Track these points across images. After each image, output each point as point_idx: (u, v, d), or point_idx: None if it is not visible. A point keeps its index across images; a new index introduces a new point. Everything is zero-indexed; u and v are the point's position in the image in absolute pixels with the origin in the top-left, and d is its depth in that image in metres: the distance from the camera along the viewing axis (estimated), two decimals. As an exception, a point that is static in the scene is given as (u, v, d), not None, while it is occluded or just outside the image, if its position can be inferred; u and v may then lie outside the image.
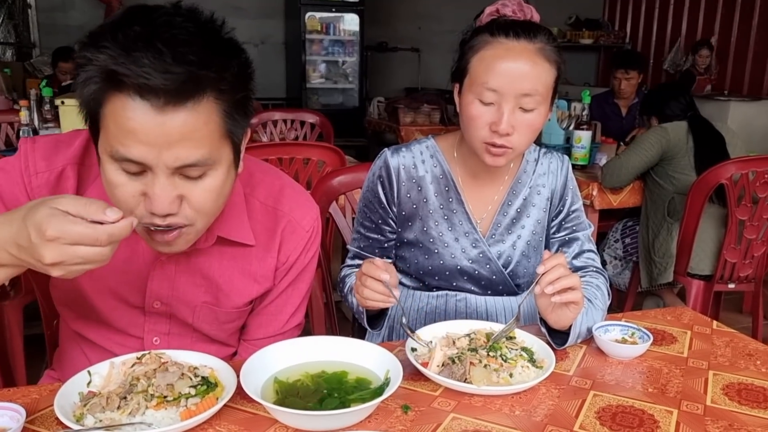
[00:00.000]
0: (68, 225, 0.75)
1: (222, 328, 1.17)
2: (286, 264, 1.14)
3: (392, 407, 0.98)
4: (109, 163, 0.87)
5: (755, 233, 2.61)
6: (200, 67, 0.82)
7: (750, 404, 1.04)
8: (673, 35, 7.26)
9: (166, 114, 0.82)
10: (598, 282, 1.34)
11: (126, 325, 1.12)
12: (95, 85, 0.83)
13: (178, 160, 0.86)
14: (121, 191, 0.88)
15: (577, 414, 0.99)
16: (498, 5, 1.28)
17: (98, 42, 0.82)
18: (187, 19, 0.85)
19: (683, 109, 2.89)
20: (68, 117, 2.50)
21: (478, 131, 1.25)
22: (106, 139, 0.86)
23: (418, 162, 1.38)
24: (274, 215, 1.12)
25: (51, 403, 0.95)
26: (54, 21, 6.16)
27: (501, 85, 1.21)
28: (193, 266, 1.08)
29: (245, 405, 0.96)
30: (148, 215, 0.89)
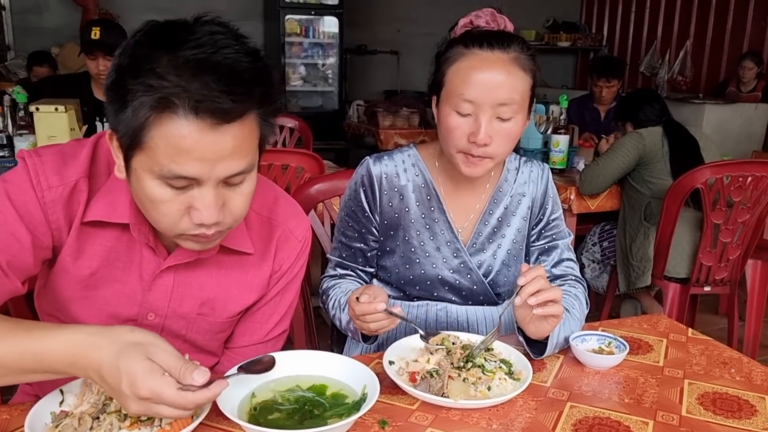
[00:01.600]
0: (162, 387, 0.79)
1: (214, 338, 1.16)
2: (279, 272, 1.15)
3: (369, 422, 0.98)
4: (152, 180, 0.88)
5: (730, 237, 2.64)
6: (252, 84, 0.86)
7: (724, 414, 1.05)
8: (649, 38, 7.35)
9: (219, 131, 0.85)
10: (576, 291, 1.35)
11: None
12: (150, 111, 0.83)
13: (229, 170, 0.88)
14: (167, 207, 0.89)
15: (554, 427, 0.99)
16: (471, 16, 1.28)
17: (154, 68, 0.82)
18: (227, 36, 0.87)
19: (657, 114, 2.92)
20: (43, 124, 2.45)
21: (457, 142, 1.26)
22: (153, 158, 0.86)
23: (400, 171, 1.38)
24: (269, 225, 1.13)
25: (20, 424, 0.93)
26: (28, 23, 6.05)
27: (477, 95, 1.21)
28: (192, 278, 1.08)
29: (221, 423, 0.95)
30: (194, 227, 0.91)
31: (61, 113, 2.47)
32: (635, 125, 2.94)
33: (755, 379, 1.16)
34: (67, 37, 6.00)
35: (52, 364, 0.84)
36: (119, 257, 1.04)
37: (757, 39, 6.07)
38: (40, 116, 2.47)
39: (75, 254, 1.01)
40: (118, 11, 6.05)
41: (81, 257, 1.02)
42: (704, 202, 2.56)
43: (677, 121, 2.91)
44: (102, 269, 1.04)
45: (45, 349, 0.83)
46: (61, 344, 0.83)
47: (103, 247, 1.02)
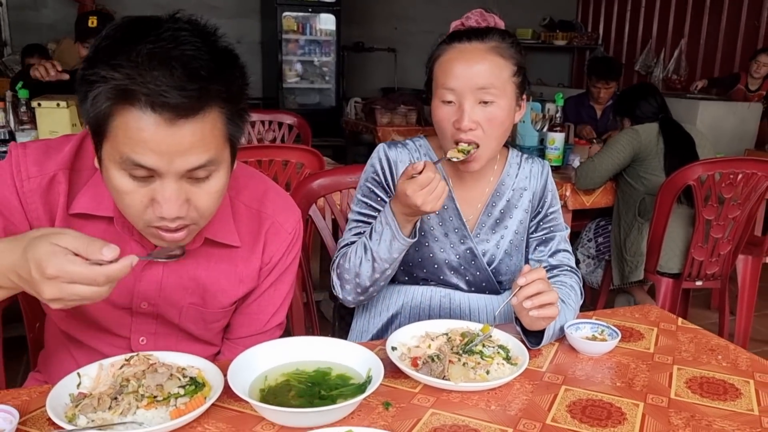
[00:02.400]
0: (68, 265, 0.79)
1: (208, 327, 1.20)
2: (269, 264, 1.18)
3: (374, 404, 1.02)
4: (116, 170, 0.90)
5: (721, 232, 2.70)
6: (210, 82, 0.87)
7: (711, 396, 1.10)
8: (644, 37, 7.41)
9: (176, 125, 0.86)
10: (571, 281, 1.41)
11: (113, 325, 1.14)
12: (107, 101, 0.86)
13: (188, 164, 0.90)
14: (130, 198, 0.92)
15: (549, 408, 1.04)
16: (463, 18, 1.36)
17: (110, 60, 0.85)
18: (192, 33, 0.88)
19: (654, 111, 2.96)
20: (45, 119, 2.49)
21: (446, 132, 1.33)
22: (114, 147, 0.89)
23: (414, 158, 1.44)
24: (258, 218, 1.16)
25: (41, 404, 0.97)
26: (25, 19, 6.08)
27: (457, 83, 1.29)
28: (181, 268, 1.11)
29: (232, 404, 1.00)
30: (157, 219, 0.93)
31: (62, 109, 2.51)
32: (632, 121, 2.99)
33: (741, 365, 1.22)
34: (63, 32, 6.01)
35: None
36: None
37: (751, 39, 6.13)
38: (42, 111, 2.51)
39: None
40: (115, 7, 6.07)
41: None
42: (696, 198, 2.61)
43: (674, 119, 2.96)
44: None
45: None
46: None
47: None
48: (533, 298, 1.14)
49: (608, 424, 1.01)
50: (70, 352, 1.20)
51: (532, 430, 0.98)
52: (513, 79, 1.32)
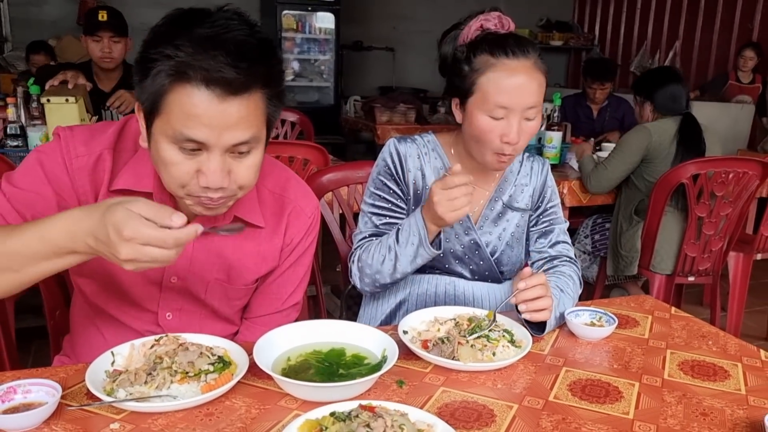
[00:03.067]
0: (142, 228, 0.87)
1: (230, 304, 1.28)
2: (290, 245, 1.27)
3: (388, 382, 1.10)
4: (167, 143, 1.00)
5: (713, 229, 2.78)
6: (257, 63, 0.98)
7: (702, 377, 1.18)
8: (639, 38, 7.51)
9: (226, 102, 0.96)
10: (570, 272, 1.48)
11: (143, 299, 1.22)
12: (167, 78, 0.96)
13: (234, 139, 0.99)
14: (177, 169, 1.01)
15: (551, 386, 1.12)
16: (481, 20, 1.40)
17: (173, 40, 0.95)
18: (240, 23, 0.99)
19: (679, 100, 2.88)
20: (54, 115, 2.54)
21: (491, 143, 1.38)
22: (167, 122, 0.98)
23: (422, 153, 1.51)
24: (281, 202, 1.25)
25: (77, 381, 1.05)
26: (27, 15, 6.12)
27: (510, 102, 1.34)
28: (210, 244, 1.20)
29: (256, 381, 1.07)
30: (200, 189, 1.02)
31: (71, 104, 2.56)
32: (654, 106, 2.94)
33: (730, 350, 1.30)
34: (65, 29, 6.07)
35: (56, 242, 0.93)
36: None
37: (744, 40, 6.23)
38: (51, 107, 2.56)
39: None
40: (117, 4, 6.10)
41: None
42: (689, 195, 2.69)
43: (694, 118, 2.88)
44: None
45: (48, 230, 0.93)
46: (60, 222, 0.93)
47: None
48: (529, 303, 1.23)
49: (606, 401, 1.08)
50: (99, 330, 1.27)
51: (536, 406, 1.05)
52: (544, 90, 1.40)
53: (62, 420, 0.94)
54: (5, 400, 0.95)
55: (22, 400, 0.96)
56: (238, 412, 0.99)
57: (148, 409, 0.96)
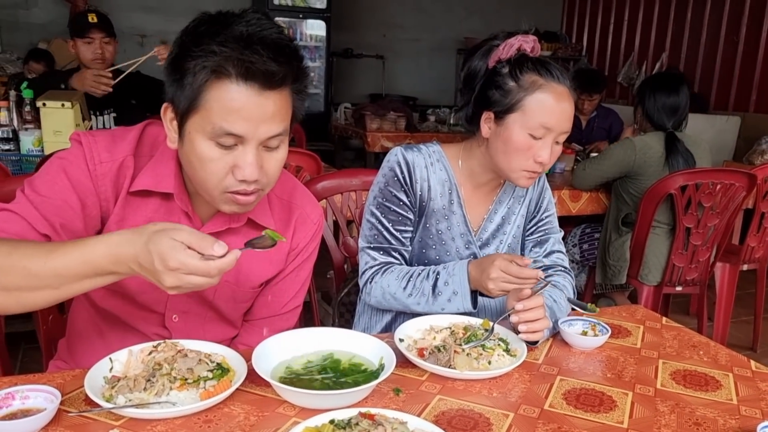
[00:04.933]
0: (187, 259, 0.90)
1: (237, 307, 1.29)
2: (296, 250, 1.30)
3: (385, 390, 1.11)
4: (204, 140, 1.04)
5: (700, 240, 2.82)
6: (290, 60, 1.04)
7: (693, 387, 1.19)
8: (627, 49, 7.59)
9: (264, 95, 1.02)
10: (564, 281, 1.50)
11: (151, 301, 1.23)
12: (206, 73, 1.00)
13: (269, 132, 1.04)
14: (214, 164, 1.05)
15: (546, 395, 1.13)
16: (521, 41, 1.40)
17: (215, 38, 1.00)
18: (270, 24, 1.04)
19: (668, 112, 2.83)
20: (49, 118, 2.53)
21: (524, 161, 1.40)
22: (206, 118, 1.02)
23: (428, 163, 1.50)
24: (289, 207, 1.29)
25: (76, 387, 1.05)
26: (16, 18, 6.08)
27: (553, 124, 1.37)
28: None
29: (255, 388, 1.07)
30: (237, 183, 1.06)
31: (67, 109, 2.56)
32: (643, 113, 2.91)
33: (720, 360, 1.32)
34: (54, 33, 6.04)
35: (99, 264, 0.95)
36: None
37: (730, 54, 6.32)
38: (46, 111, 2.55)
39: (120, 222, 1.15)
40: (107, 8, 6.08)
41: (124, 225, 1.14)
42: (677, 206, 2.72)
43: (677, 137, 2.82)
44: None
45: (91, 253, 0.94)
46: (102, 246, 0.94)
47: (144, 216, 1.16)
48: (528, 324, 1.25)
49: (601, 410, 1.10)
50: (103, 334, 1.27)
51: (531, 414, 1.07)
52: None
53: (61, 426, 0.94)
54: (3, 406, 0.95)
55: (21, 406, 0.95)
56: (237, 419, 0.99)
57: (148, 415, 0.96)
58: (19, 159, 2.57)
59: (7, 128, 2.62)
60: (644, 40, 7.37)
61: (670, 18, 7.03)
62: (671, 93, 2.85)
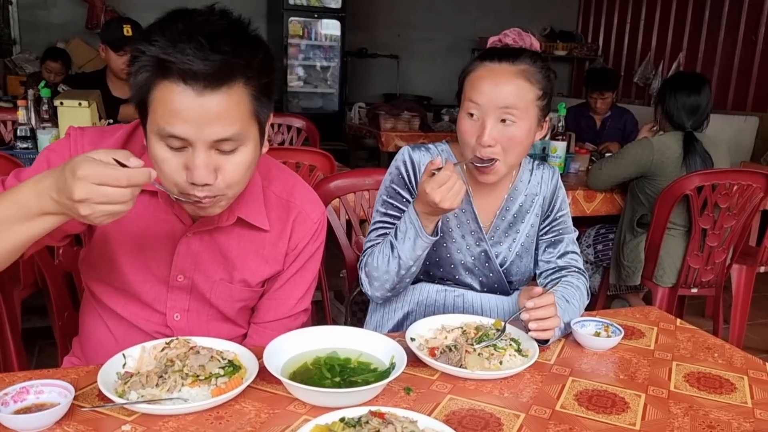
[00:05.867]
0: (96, 166, 0.87)
1: (235, 305, 1.29)
2: (295, 250, 1.28)
3: (396, 389, 1.11)
4: (156, 141, 1.02)
5: (716, 241, 2.79)
6: (233, 56, 0.97)
7: (708, 390, 1.18)
8: (643, 49, 7.52)
9: (204, 96, 0.97)
10: (578, 282, 1.49)
11: (152, 299, 1.24)
12: (146, 73, 0.98)
13: (215, 135, 1.00)
14: (166, 165, 1.03)
15: (558, 396, 1.13)
16: (500, 35, 1.42)
17: (149, 37, 0.97)
18: (221, 18, 1.01)
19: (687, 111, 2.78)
20: (66, 117, 2.56)
21: (468, 144, 1.40)
22: (153, 119, 1.01)
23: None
24: (287, 206, 1.26)
25: (89, 382, 1.06)
26: (35, 18, 6.14)
27: (482, 100, 1.37)
28: (214, 244, 1.22)
29: (266, 386, 1.08)
30: (189, 186, 1.04)
31: (84, 108, 2.58)
32: (662, 112, 2.88)
33: (735, 363, 1.30)
34: (72, 32, 6.11)
35: (25, 202, 0.93)
36: (149, 225, 1.18)
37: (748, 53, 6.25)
38: (64, 110, 2.58)
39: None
40: (123, 9, 6.15)
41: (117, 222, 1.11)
42: (693, 207, 2.70)
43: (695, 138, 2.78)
44: (136, 236, 1.19)
45: (18, 191, 0.94)
46: (29, 182, 0.94)
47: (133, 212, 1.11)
48: (538, 322, 1.23)
49: (613, 411, 1.09)
50: (110, 331, 1.28)
51: (543, 415, 1.06)
52: (537, 102, 1.40)
53: (74, 421, 0.95)
54: (18, 400, 0.96)
55: (35, 401, 0.97)
56: (248, 416, 1.00)
57: (160, 411, 0.96)
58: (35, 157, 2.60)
59: (26, 127, 2.66)
60: (661, 39, 7.30)
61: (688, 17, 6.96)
62: (692, 93, 2.82)
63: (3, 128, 3.06)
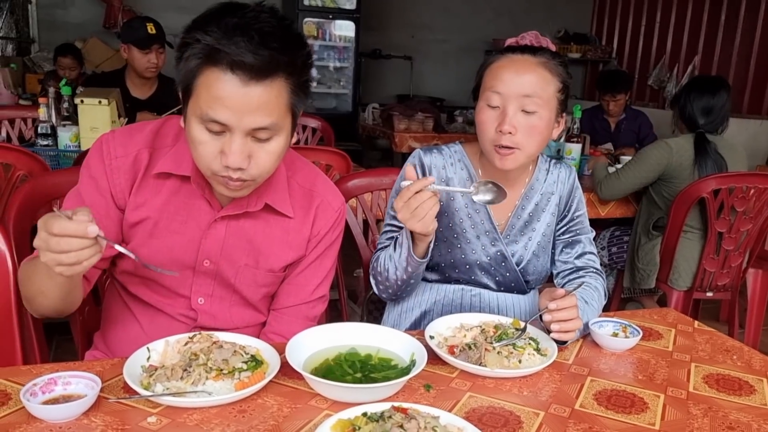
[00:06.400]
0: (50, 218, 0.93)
1: (258, 291, 1.33)
2: (317, 237, 1.33)
3: (416, 386, 1.11)
4: (197, 124, 1.09)
5: (733, 245, 2.78)
6: (279, 53, 1.04)
7: (727, 391, 1.18)
8: (658, 52, 7.49)
9: (249, 86, 1.04)
10: (596, 283, 1.49)
11: (177, 285, 1.28)
12: (197, 60, 1.05)
13: (254, 123, 1.07)
14: (203, 147, 1.10)
15: (577, 395, 1.13)
16: (518, 38, 1.43)
17: (204, 27, 1.04)
18: (270, 16, 1.07)
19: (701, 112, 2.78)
20: (87, 115, 2.59)
21: (487, 134, 1.41)
22: (197, 103, 1.07)
23: (448, 164, 1.52)
24: (311, 195, 1.32)
25: (114, 374, 1.07)
26: (53, 18, 6.20)
27: (504, 88, 1.38)
28: (241, 230, 1.27)
29: (287, 381, 1.09)
30: (223, 169, 1.10)
31: (104, 106, 2.62)
32: (679, 115, 2.88)
33: (755, 365, 1.30)
34: (90, 32, 6.16)
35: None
36: (178, 210, 1.24)
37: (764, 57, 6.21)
38: (84, 108, 2.61)
39: (138, 207, 1.22)
40: (140, 8, 6.20)
41: (144, 208, 1.22)
42: (709, 210, 2.69)
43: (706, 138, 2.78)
44: (164, 220, 1.24)
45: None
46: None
47: (163, 197, 1.23)
48: (560, 323, 1.24)
49: (632, 411, 1.09)
50: (134, 319, 1.32)
51: (562, 414, 1.07)
52: (557, 95, 1.41)
53: (101, 412, 0.97)
54: (46, 391, 0.98)
55: (62, 392, 0.98)
56: (270, 410, 1.01)
57: (184, 404, 0.98)
58: (57, 154, 2.64)
59: (46, 124, 2.69)
60: (676, 42, 7.27)
61: (703, 21, 6.92)
62: (707, 93, 2.82)
63: (23, 125, 3.10)
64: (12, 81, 4.63)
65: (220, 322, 1.31)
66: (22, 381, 1.01)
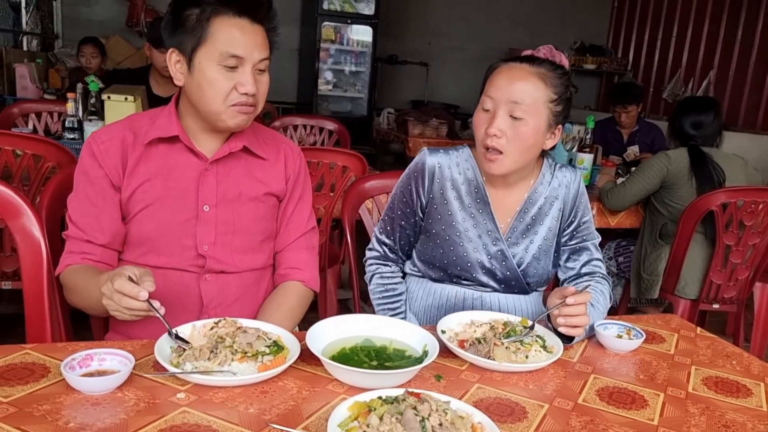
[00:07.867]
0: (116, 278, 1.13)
1: (258, 223, 1.51)
2: (293, 177, 1.57)
3: (427, 376, 1.18)
4: (214, 65, 1.34)
5: (740, 258, 2.82)
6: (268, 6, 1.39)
7: (725, 393, 1.24)
8: (673, 66, 7.52)
9: (254, 26, 1.36)
10: (602, 288, 1.54)
11: (183, 235, 1.44)
12: (209, 13, 1.32)
13: (261, 55, 1.37)
14: (221, 84, 1.35)
15: (580, 391, 1.19)
16: (534, 51, 1.49)
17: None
18: None
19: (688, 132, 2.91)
20: (112, 111, 2.67)
21: (478, 135, 1.50)
22: (213, 47, 1.33)
23: (453, 165, 1.58)
24: (275, 144, 1.57)
25: (145, 354, 1.14)
26: (78, 15, 6.33)
27: (495, 93, 1.46)
28: (228, 174, 1.47)
29: (306, 366, 1.16)
30: (239, 96, 1.36)
31: (129, 102, 2.70)
32: (671, 131, 3.02)
33: (753, 370, 1.35)
34: (113, 29, 6.28)
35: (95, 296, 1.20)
36: (171, 170, 1.43)
37: (780, 74, 6.23)
38: (110, 104, 2.69)
39: (133, 174, 1.41)
40: (163, 8, 6.30)
41: (139, 174, 1.41)
42: (717, 223, 2.73)
43: (699, 149, 2.89)
44: (160, 180, 1.42)
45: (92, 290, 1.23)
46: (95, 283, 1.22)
47: (157, 161, 1.42)
48: (570, 318, 1.30)
49: (632, 407, 1.15)
50: None
51: (566, 407, 1.12)
52: (549, 104, 1.45)
53: (133, 387, 1.03)
54: (83, 365, 1.05)
55: (98, 367, 1.05)
56: (291, 392, 1.07)
57: (211, 382, 1.04)
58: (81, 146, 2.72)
59: (74, 118, 2.78)
60: (692, 56, 7.29)
61: (720, 35, 6.94)
62: (693, 110, 2.96)
63: (49, 119, 3.19)
64: (38, 76, 4.73)
65: (225, 266, 1.46)
66: (59, 357, 1.09)
